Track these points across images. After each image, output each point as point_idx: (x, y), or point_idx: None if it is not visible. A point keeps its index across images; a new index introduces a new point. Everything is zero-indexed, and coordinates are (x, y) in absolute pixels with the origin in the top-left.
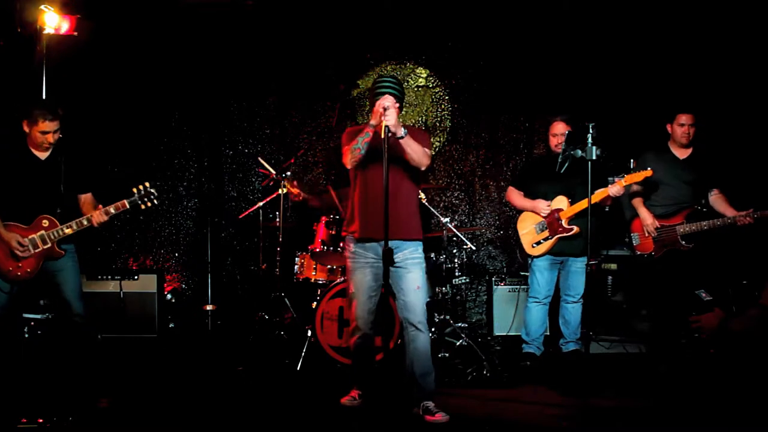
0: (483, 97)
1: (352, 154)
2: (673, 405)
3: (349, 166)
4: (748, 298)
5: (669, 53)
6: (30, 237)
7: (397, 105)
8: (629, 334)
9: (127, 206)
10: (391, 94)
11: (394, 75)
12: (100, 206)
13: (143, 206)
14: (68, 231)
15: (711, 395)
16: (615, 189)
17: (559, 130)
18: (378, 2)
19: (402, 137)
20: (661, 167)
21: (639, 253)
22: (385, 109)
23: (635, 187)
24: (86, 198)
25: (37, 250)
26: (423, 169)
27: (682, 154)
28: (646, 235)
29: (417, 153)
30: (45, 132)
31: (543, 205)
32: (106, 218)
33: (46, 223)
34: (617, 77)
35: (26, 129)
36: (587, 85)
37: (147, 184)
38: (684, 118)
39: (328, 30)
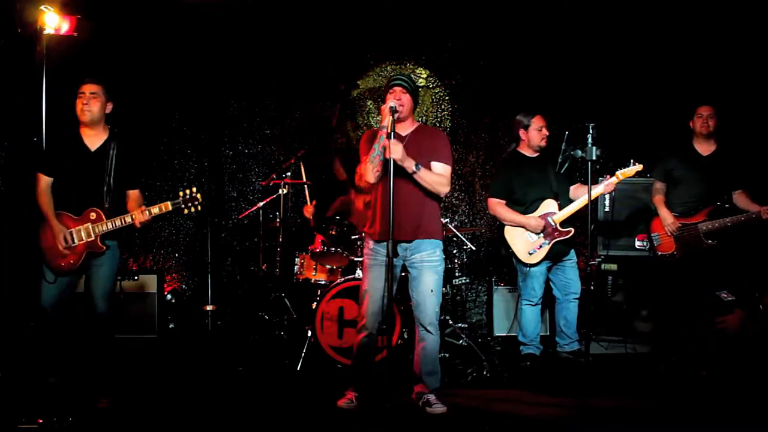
0: (483, 97)
1: (372, 164)
2: (673, 405)
3: (372, 180)
4: (749, 298)
5: (669, 52)
6: (76, 228)
7: (408, 97)
8: (629, 334)
9: (170, 208)
10: (399, 85)
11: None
12: (143, 206)
13: (186, 211)
14: (111, 227)
15: (711, 395)
16: (610, 188)
17: (543, 123)
18: (378, 2)
19: (415, 172)
20: (679, 164)
21: (660, 253)
22: (385, 147)
23: (658, 185)
24: (134, 194)
25: (81, 242)
26: (441, 196)
27: (705, 150)
28: (669, 234)
29: (432, 185)
30: (82, 93)
31: (534, 222)
32: (148, 218)
33: (93, 215)
34: (617, 77)
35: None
36: (587, 85)
37: (194, 189)
38: (703, 110)
39: (328, 30)
